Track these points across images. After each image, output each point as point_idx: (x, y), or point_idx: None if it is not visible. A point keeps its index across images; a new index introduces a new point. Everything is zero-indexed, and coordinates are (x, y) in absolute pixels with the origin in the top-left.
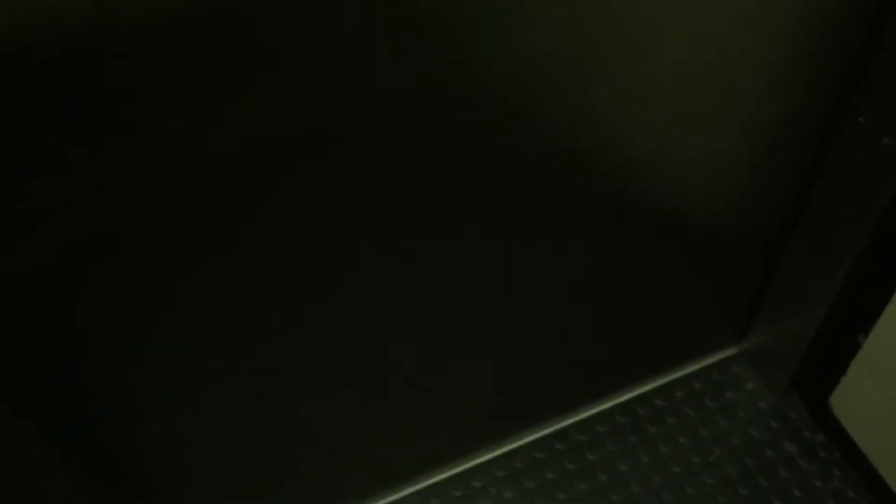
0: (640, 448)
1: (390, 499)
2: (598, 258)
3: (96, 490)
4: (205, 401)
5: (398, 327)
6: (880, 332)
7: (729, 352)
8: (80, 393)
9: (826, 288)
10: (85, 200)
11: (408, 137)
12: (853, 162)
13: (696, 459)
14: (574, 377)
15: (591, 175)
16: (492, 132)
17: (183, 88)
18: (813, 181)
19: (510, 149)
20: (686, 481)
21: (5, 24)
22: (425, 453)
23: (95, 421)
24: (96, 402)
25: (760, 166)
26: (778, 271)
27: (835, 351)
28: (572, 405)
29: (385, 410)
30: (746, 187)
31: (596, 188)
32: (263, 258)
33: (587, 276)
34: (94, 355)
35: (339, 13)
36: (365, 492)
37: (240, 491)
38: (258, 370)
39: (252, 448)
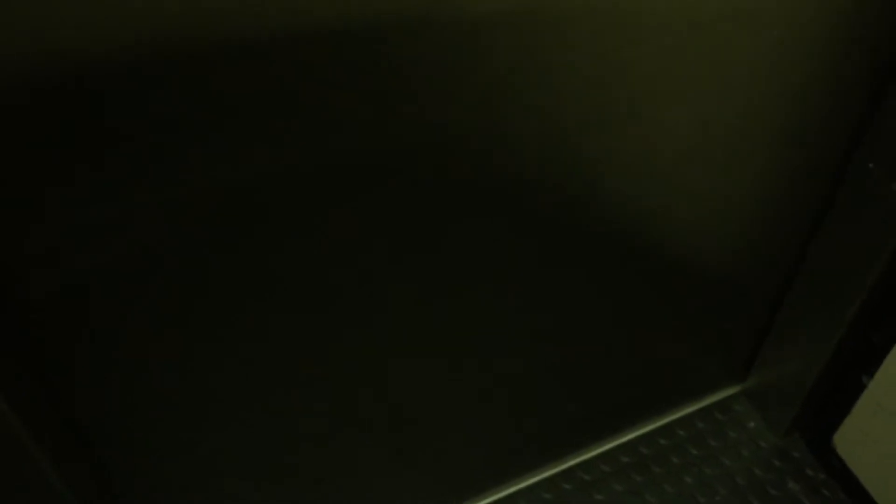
0: (646, 488)
1: None
2: (603, 300)
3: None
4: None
5: (406, 367)
6: (886, 372)
7: (731, 391)
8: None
9: (830, 329)
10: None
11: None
12: (860, 206)
13: (702, 499)
14: (579, 417)
15: (601, 223)
16: (512, 181)
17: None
18: (819, 223)
19: (525, 195)
20: None
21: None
22: (430, 496)
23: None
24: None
25: (767, 208)
26: (781, 311)
27: (838, 391)
28: (577, 445)
29: (388, 452)
30: (751, 229)
31: (605, 235)
32: (284, 294)
33: (593, 317)
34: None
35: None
36: None
37: None
38: (275, 408)
39: (262, 484)
